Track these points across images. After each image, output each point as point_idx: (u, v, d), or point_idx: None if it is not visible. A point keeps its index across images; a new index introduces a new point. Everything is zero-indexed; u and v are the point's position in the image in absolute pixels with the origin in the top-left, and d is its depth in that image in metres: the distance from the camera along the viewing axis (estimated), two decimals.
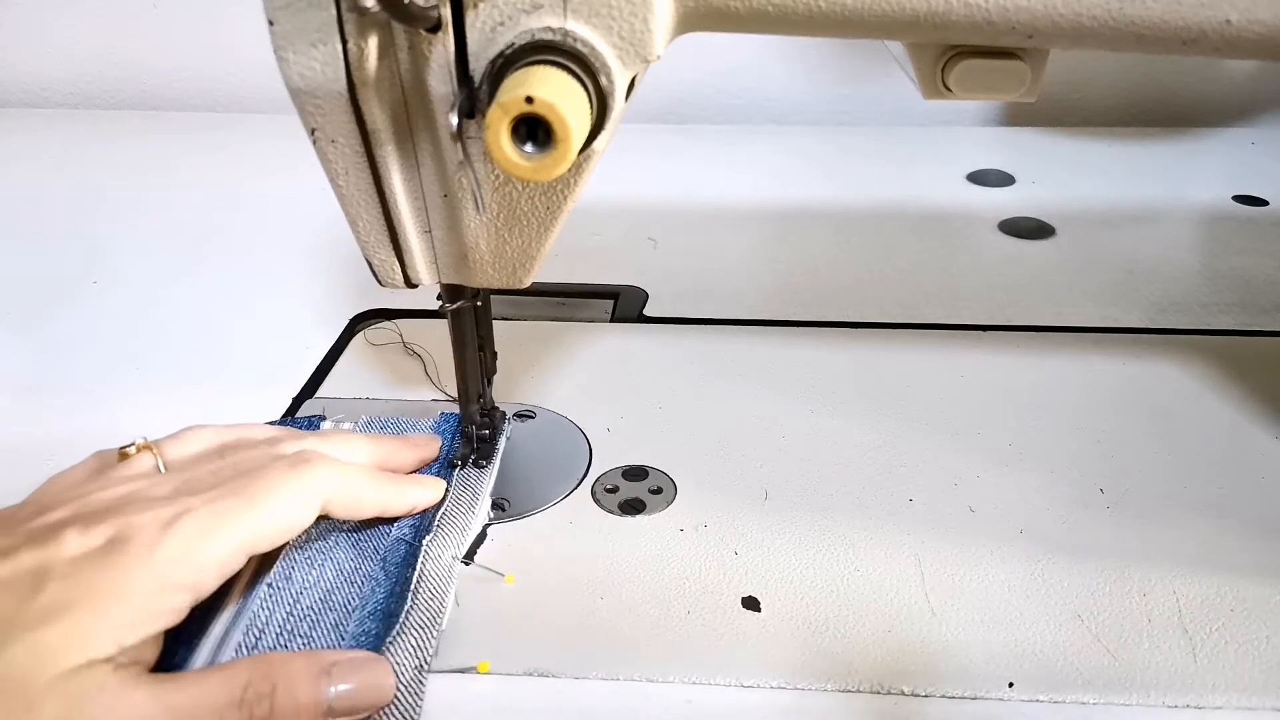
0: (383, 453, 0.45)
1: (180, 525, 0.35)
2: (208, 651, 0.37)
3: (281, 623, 0.38)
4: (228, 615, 0.38)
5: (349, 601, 0.39)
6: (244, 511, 0.36)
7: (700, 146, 0.87)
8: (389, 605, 0.38)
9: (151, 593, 0.33)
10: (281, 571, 0.40)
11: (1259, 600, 0.41)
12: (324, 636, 0.38)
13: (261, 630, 0.38)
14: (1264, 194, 0.78)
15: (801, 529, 0.44)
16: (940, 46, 0.39)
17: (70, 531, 0.34)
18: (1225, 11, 0.34)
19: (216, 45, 0.94)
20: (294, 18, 0.34)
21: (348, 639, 0.38)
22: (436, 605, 0.39)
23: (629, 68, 0.34)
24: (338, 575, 0.40)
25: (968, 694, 0.37)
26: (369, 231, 0.40)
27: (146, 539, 0.34)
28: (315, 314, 0.62)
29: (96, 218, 0.75)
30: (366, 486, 0.41)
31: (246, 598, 0.39)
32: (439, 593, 0.40)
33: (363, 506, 0.41)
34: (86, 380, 0.56)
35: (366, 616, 0.38)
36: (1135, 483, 0.47)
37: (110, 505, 0.36)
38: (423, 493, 0.44)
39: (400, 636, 0.37)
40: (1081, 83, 0.94)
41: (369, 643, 0.37)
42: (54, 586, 0.32)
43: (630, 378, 0.55)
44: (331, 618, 0.38)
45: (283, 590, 0.39)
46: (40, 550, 0.34)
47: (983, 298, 0.64)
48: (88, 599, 0.32)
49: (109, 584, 0.33)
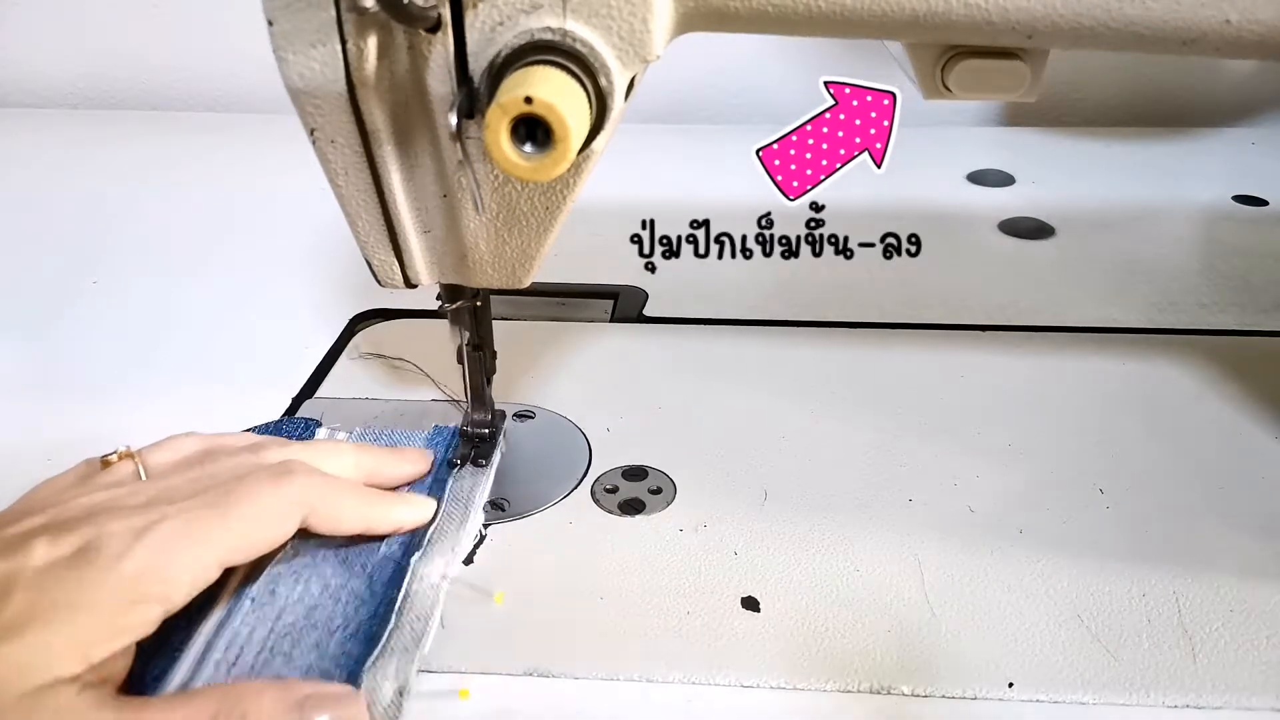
0: (371, 464, 0.44)
1: (151, 535, 0.34)
2: (188, 666, 0.36)
3: (262, 640, 0.37)
4: (210, 627, 0.38)
5: (332, 620, 0.38)
6: (218, 523, 0.35)
7: (700, 146, 0.87)
8: (371, 627, 0.38)
9: (120, 605, 0.32)
10: (265, 586, 0.39)
11: (1259, 600, 0.41)
12: (305, 655, 0.37)
13: (243, 647, 0.37)
14: (1264, 194, 0.78)
15: (801, 529, 0.44)
16: (940, 46, 0.39)
17: (40, 541, 0.33)
18: (1225, 11, 0.34)
19: (216, 45, 0.94)
20: (294, 18, 0.34)
21: (328, 660, 0.37)
22: (421, 627, 0.38)
23: (628, 68, 0.34)
24: (322, 592, 0.39)
25: (968, 694, 0.37)
26: (369, 232, 0.40)
27: (116, 548, 0.33)
28: (315, 314, 0.62)
29: (96, 218, 0.75)
30: (350, 502, 0.40)
31: (229, 610, 0.38)
32: (424, 615, 0.39)
33: (345, 523, 0.40)
34: (86, 380, 0.56)
35: (349, 638, 0.37)
36: (1135, 483, 0.47)
37: (83, 513, 0.35)
38: (409, 512, 0.42)
39: (382, 659, 0.36)
40: (1081, 83, 0.94)
41: (350, 664, 0.36)
42: (19, 598, 0.31)
43: (630, 378, 0.55)
44: (313, 636, 0.38)
45: (266, 606, 0.39)
46: (8, 560, 0.33)
47: (983, 298, 0.64)
48: (54, 612, 0.31)
49: (76, 596, 0.32)
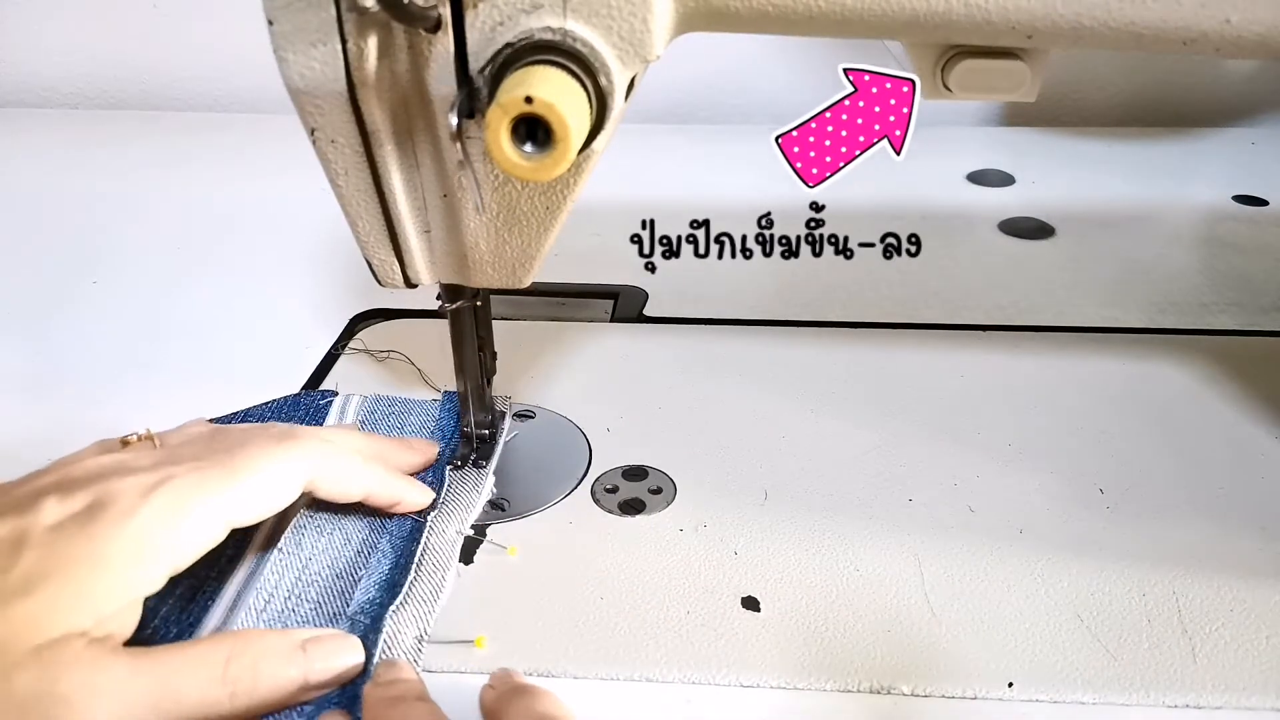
0: (378, 448, 0.45)
1: (159, 493, 0.34)
2: (221, 612, 0.38)
3: (290, 587, 0.39)
4: (241, 577, 0.40)
5: (355, 569, 0.41)
6: (225, 482, 0.36)
7: (700, 146, 0.87)
8: (393, 575, 0.40)
9: (129, 560, 0.33)
10: (292, 538, 0.41)
11: (1259, 600, 0.41)
12: (331, 602, 0.39)
13: (272, 594, 0.39)
14: (1264, 194, 0.78)
15: (801, 529, 0.44)
16: (940, 46, 0.39)
17: (50, 499, 0.34)
18: (1225, 11, 0.34)
19: (216, 45, 0.94)
20: (294, 18, 0.34)
21: (353, 605, 0.39)
22: (439, 578, 0.41)
23: (628, 68, 0.34)
24: (345, 544, 0.42)
25: (968, 694, 0.37)
26: (369, 231, 0.40)
27: (125, 505, 0.34)
28: (315, 314, 0.62)
29: (96, 218, 0.75)
30: (354, 468, 0.41)
31: (258, 561, 0.40)
32: (441, 566, 0.41)
33: (348, 487, 0.41)
34: (86, 380, 0.56)
35: (372, 585, 0.40)
36: (1135, 483, 0.47)
37: (93, 473, 0.36)
38: (410, 489, 0.43)
39: (403, 606, 0.39)
40: (1081, 83, 0.94)
41: (373, 610, 0.38)
42: (31, 555, 0.32)
43: (630, 378, 0.55)
44: (339, 584, 0.40)
45: (293, 556, 0.41)
46: (19, 519, 0.33)
47: (983, 298, 0.64)
48: (65, 568, 0.32)
49: (86, 552, 0.33)
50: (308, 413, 0.50)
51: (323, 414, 0.50)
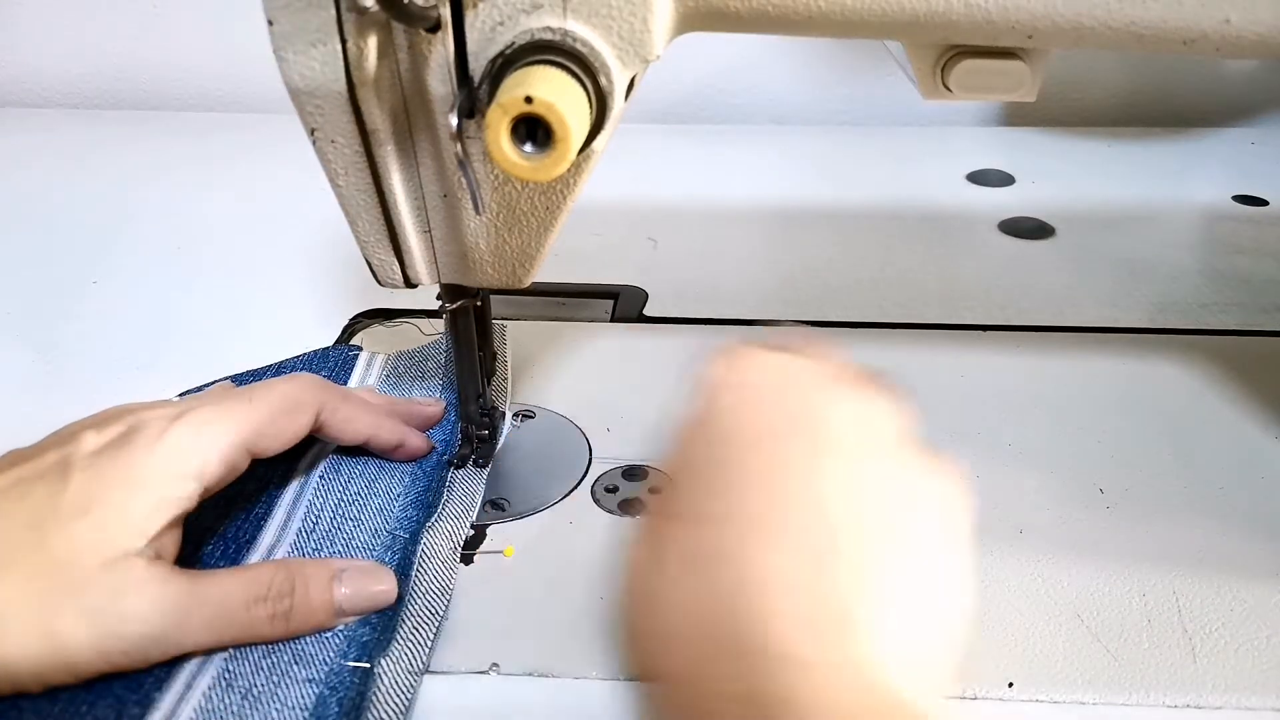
0: (386, 400, 0.48)
1: (185, 419, 0.38)
2: (274, 531, 0.42)
3: (334, 506, 0.43)
4: (288, 499, 0.43)
5: (392, 489, 0.44)
6: (244, 408, 0.39)
7: (700, 146, 0.87)
8: (427, 496, 0.44)
9: (162, 479, 0.36)
10: (331, 465, 0.45)
11: (1259, 600, 0.41)
12: (372, 519, 0.42)
13: (319, 514, 0.43)
14: (1264, 194, 0.78)
15: None
16: (940, 46, 0.39)
17: (88, 432, 0.37)
18: (1225, 11, 0.34)
19: (216, 45, 0.94)
20: (293, 18, 0.34)
21: (393, 520, 0.42)
22: (469, 501, 0.45)
23: (628, 68, 0.34)
24: (380, 470, 0.45)
25: (968, 694, 0.37)
26: (368, 231, 0.40)
27: (155, 430, 0.37)
28: (315, 314, 0.62)
29: (96, 218, 0.75)
30: (360, 407, 0.44)
31: (303, 485, 0.44)
32: (471, 492, 0.45)
33: (356, 422, 0.44)
34: (85, 381, 0.56)
35: (410, 504, 0.43)
36: (1135, 483, 0.47)
37: (125, 410, 0.39)
38: (412, 434, 0.46)
39: (439, 523, 0.43)
40: (1081, 83, 0.94)
41: (412, 526, 0.42)
42: (79, 478, 0.35)
43: (630, 378, 0.55)
44: (377, 502, 0.43)
45: (333, 480, 0.44)
46: (62, 449, 0.37)
47: (983, 298, 0.64)
48: (111, 490, 0.35)
49: (124, 474, 0.36)
50: (336, 364, 0.53)
51: (350, 365, 0.53)
